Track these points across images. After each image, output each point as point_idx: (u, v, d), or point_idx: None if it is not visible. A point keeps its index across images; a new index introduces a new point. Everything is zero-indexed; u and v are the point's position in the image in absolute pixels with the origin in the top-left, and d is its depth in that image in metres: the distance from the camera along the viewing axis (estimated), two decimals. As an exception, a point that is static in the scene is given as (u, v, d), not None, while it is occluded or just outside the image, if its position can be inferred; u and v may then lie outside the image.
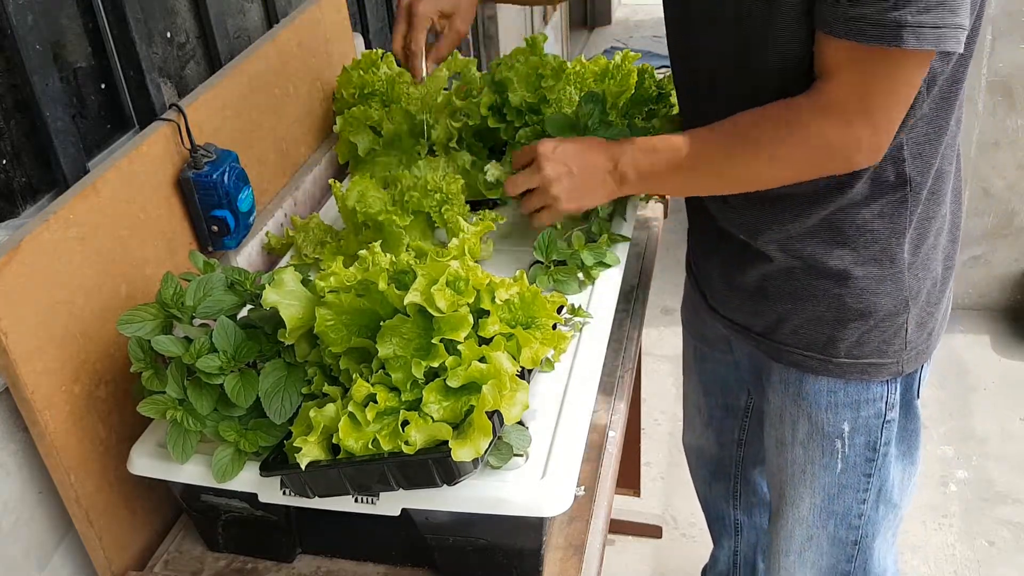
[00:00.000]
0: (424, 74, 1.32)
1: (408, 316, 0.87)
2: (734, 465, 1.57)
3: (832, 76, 0.97)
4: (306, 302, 0.94)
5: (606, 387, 1.21)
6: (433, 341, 0.85)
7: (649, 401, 2.69)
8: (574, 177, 1.13)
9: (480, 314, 0.88)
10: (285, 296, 0.93)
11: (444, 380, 0.85)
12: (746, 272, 1.20)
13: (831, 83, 0.97)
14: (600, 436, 1.13)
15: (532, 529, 0.94)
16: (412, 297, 0.85)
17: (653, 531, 2.30)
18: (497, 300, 0.89)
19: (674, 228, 3.55)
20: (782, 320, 1.19)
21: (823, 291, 1.14)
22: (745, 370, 1.39)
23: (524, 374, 0.90)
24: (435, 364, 0.85)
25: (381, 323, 0.88)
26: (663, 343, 2.95)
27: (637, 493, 2.28)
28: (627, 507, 2.30)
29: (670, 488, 2.43)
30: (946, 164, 1.11)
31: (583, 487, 1.06)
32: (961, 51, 0.94)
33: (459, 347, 0.86)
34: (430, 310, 0.84)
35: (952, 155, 1.12)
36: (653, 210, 1.58)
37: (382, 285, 0.87)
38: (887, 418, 1.20)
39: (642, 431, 2.19)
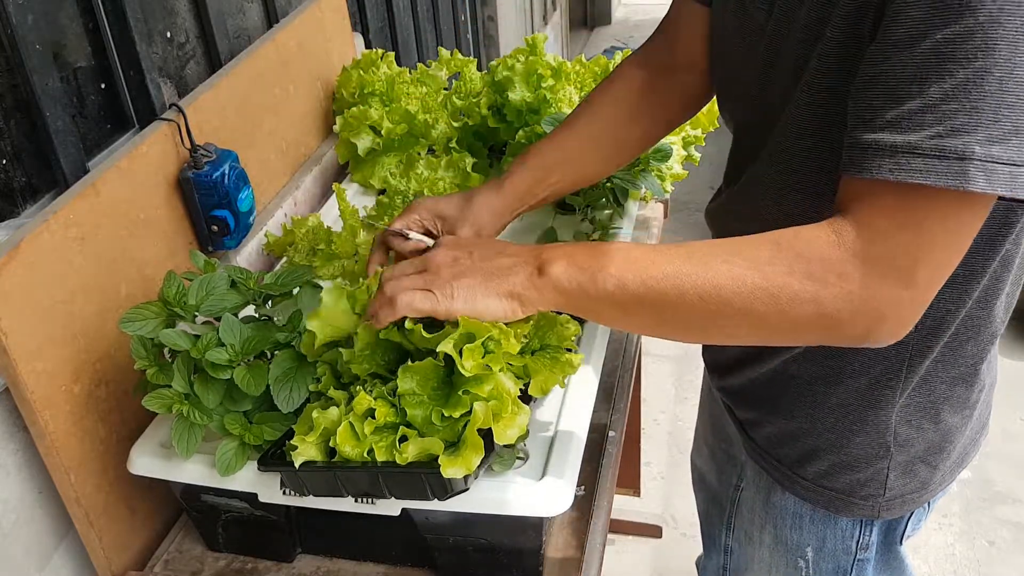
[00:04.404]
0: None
1: (436, 358, 0.85)
2: (730, 503, 1.49)
3: (869, 219, 0.72)
4: (341, 321, 0.93)
5: (606, 387, 1.21)
6: (459, 393, 0.84)
7: (649, 401, 2.69)
8: (473, 259, 0.84)
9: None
10: (326, 317, 0.93)
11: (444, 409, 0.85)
12: (733, 356, 1.09)
13: (871, 229, 0.72)
14: (600, 436, 1.13)
15: (532, 529, 0.94)
16: (444, 347, 0.83)
17: (653, 531, 2.30)
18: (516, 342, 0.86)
19: (674, 228, 3.55)
20: (758, 422, 1.09)
21: (800, 407, 1.01)
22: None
23: (528, 396, 0.90)
24: (456, 415, 0.83)
25: (409, 360, 0.87)
26: (663, 343, 2.95)
27: (637, 493, 2.28)
28: (627, 507, 2.30)
29: (670, 488, 2.43)
30: (980, 309, 0.92)
31: (583, 487, 1.06)
32: None
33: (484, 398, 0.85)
34: (457, 365, 0.83)
35: (996, 299, 0.92)
36: (653, 210, 1.58)
37: (408, 323, 0.86)
38: (859, 557, 1.08)
39: (642, 431, 2.19)
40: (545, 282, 0.80)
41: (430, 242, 1.01)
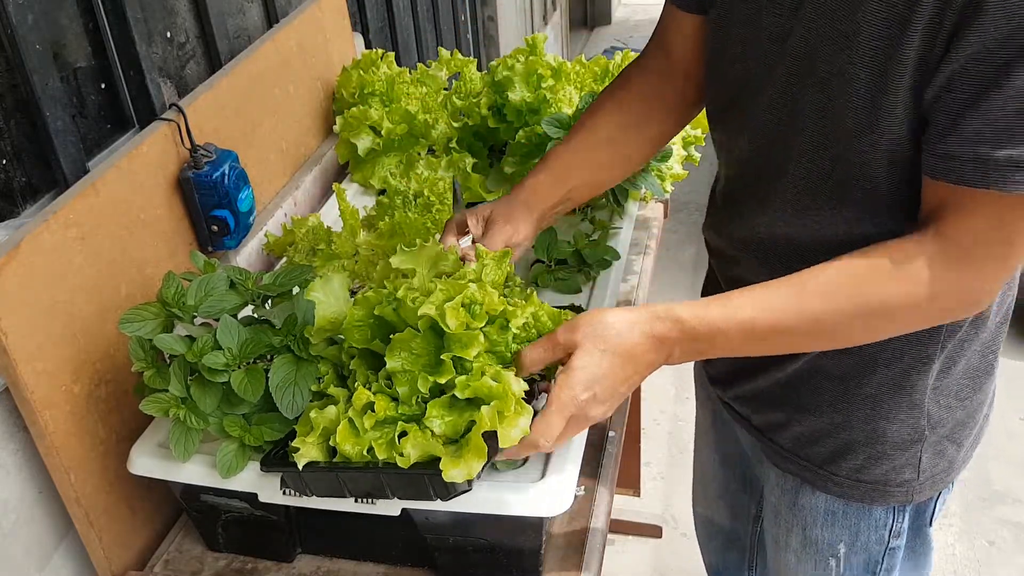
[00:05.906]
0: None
1: (418, 331, 0.87)
2: (749, 538, 1.43)
3: (956, 221, 0.81)
4: (342, 303, 0.94)
5: (606, 387, 1.20)
6: (442, 357, 0.85)
7: (649, 401, 2.69)
8: (605, 382, 0.85)
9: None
10: (328, 295, 0.94)
11: (451, 394, 0.85)
12: (751, 359, 1.06)
13: (959, 230, 0.81)
14: (600, 436, 1.13)
15: (532, 529, 0.94)
16: (426, 309, 0.85)
17: (653, 531, 2.30)
18: (512, 328, 0.87)
19: (674, 228, 3.55)
20: (783, 424, 1.08)
21: (830, 402, 1.02)
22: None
23: (534, 392, 0.90)
24: (442, 380, 0.84)
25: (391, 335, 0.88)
26: (663, 343, 2.94)
27: (637, 493, 2.28)
28: (627, 507, 2.30)
29: (670, 488, 2.43)
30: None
31: (583, 487, 1.06)
32: None
33: (471, 363, 0.85)
34: (441, 325, 0.84)
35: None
36: (653, 210, 1.58)
37: (401, 293, 0.87)
38: (890, 545, 1.09)
39: (642, 431, 2.19)
40: (672, 362, 0.92)
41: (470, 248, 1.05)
